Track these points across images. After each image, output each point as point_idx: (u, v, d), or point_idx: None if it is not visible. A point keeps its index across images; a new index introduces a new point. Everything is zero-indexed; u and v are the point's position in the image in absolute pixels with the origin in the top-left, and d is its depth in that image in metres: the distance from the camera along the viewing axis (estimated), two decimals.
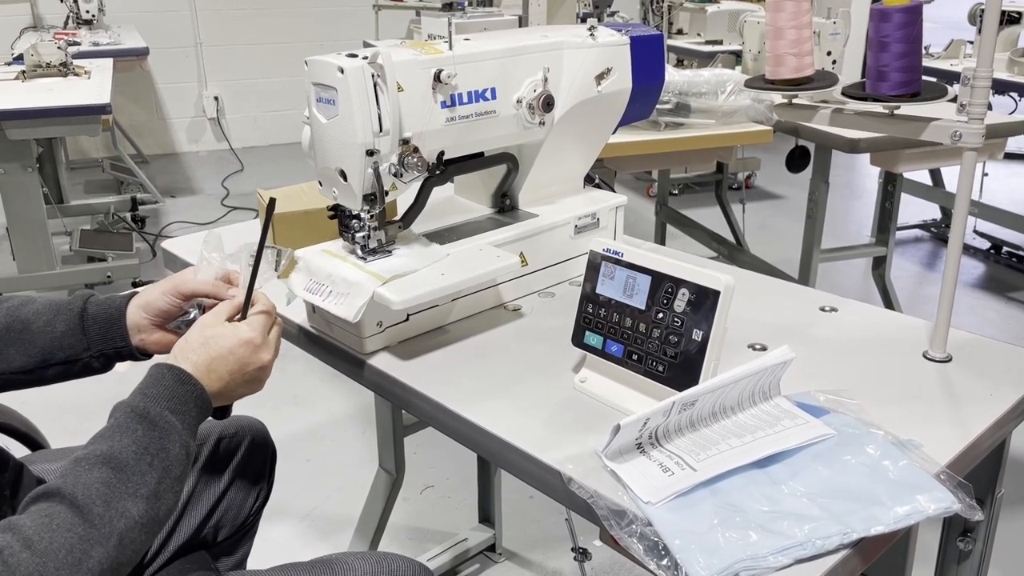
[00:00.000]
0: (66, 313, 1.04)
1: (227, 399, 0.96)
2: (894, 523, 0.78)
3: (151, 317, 1.06)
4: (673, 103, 2.35)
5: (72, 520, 0.75)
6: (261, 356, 0.96)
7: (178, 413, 0.87)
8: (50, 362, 1.03)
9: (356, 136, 1.07)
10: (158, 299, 1.05)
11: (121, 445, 0.82)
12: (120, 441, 0.82)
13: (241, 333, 0.95)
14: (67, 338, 1.03)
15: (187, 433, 0.87)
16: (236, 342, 0.94)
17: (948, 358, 1.10)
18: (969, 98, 1.01)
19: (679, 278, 0.96)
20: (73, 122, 2.96)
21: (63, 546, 0.74)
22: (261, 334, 0.96)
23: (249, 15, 5.97)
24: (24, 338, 1.02)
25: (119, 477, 0.80)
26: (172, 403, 0.87)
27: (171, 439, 0.85)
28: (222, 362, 0.93)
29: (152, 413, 0.85)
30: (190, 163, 5.85)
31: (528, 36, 1.29)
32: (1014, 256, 3.97)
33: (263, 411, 2.83)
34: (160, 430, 0.85)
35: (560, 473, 0.89)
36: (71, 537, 0.74)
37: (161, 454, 0.83)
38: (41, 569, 0.71)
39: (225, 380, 0.93)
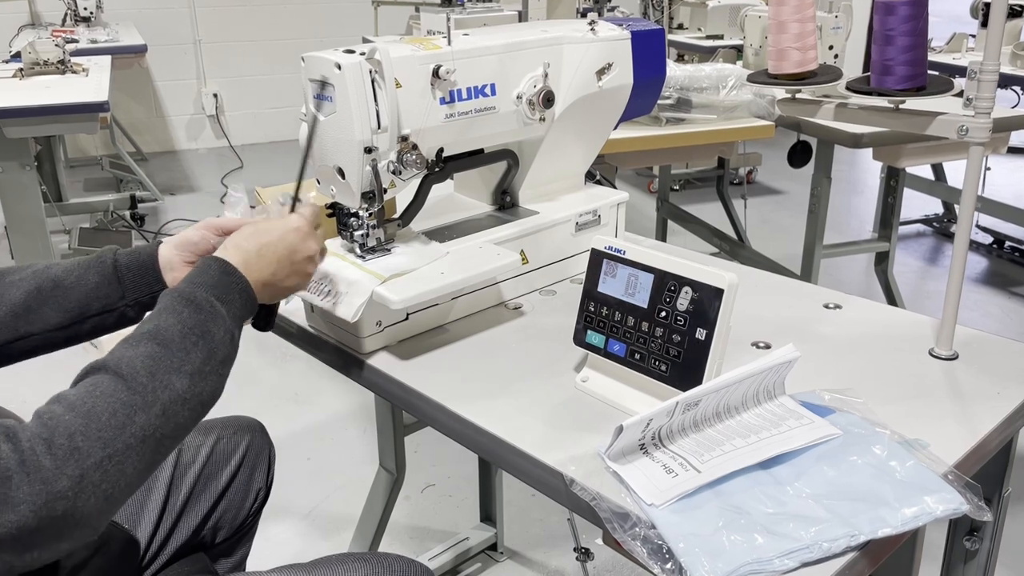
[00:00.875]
0: (97, 266, 1.05)
1: (275, 289, 0.98)
2: (902, 525, 0.77)
3: (184, 253, 1.07)
4: (674, 98, 2.34)
5: (116, 387, 0.77)
6: (309, 244, 0.99)
7: (223, 301, 0.89)
8: (87, 314, 1.03)
9: (354, 133, 1.06)
10: (190, 234, 1.08)
11: (167, 324, 0.84)
12: (166, 320, 0.84)
13: (291, 221, 0.99)
14: (102, 288, 1.04)
15: (232, 321, 0.89)
16: (286, 228, 0.98)
17: (954, 355, 1.09)
18: (976, 92, 0.99)
19: (682, 276, 0.95)
20: (71, 120, 2.94)
21: (106, 410, 0.75)
22: (310, 223, 1.00)
23: (248, 11, 5.95)
24: (57, 295, 1.02)
25: (164, 352, 0.81)
26: (217, 291, 0.89)
27: (216, 322, 0.87)
28: (271, 248, 0.96)
29: (198, 297, 0.87)
30: (189, 160, 5.83)
31: (528, 31, 1.27)
32: (1017, 251, 3.95)
33: (264, 409, 2.82)
34: (205, 313, 0.87)
35: (562, 475, 0.88)
36: (114, 402, 0.76)
37: (206, 335, 0.85)
38: (84, 429, 0.73)
39: (274, 266, 0.96)
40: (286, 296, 1.02)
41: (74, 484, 0.70)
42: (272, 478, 1.32)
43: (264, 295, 0.96)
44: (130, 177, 4.93)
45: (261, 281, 0.95)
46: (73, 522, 0.71)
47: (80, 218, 4.25)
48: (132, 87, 5.70)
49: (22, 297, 1.00)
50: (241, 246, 0.95)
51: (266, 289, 0.96)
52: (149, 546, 1.17)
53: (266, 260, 0.95)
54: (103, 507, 0.73)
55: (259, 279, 0.95)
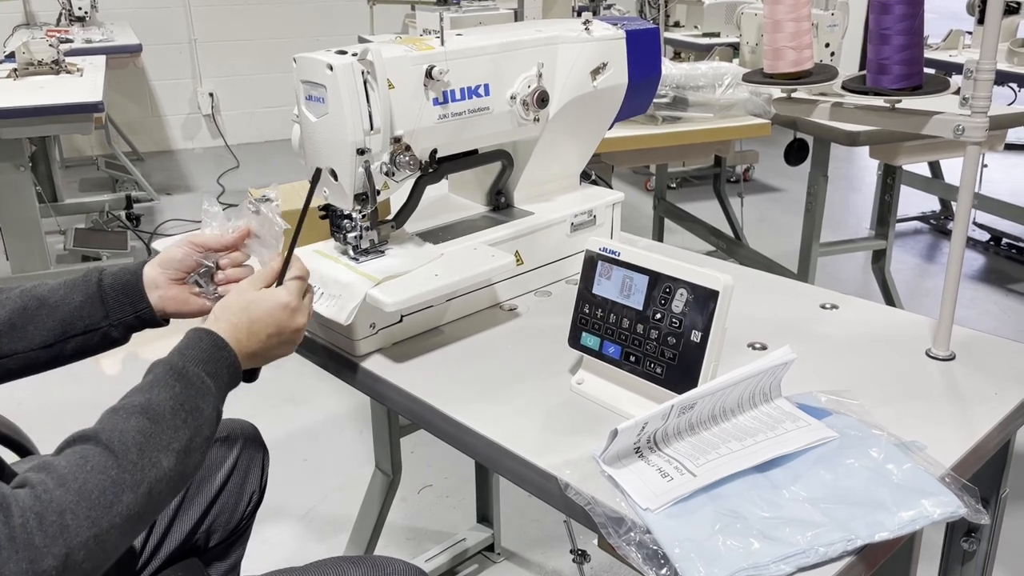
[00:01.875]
0: (82, 285, 1.05)
1: (262, 361, 0.99)
2: (899, 529, 0.76)
3: (168, 271, 1.07)
4: (670, 97, 2.33)
5: (107, 463, 0.76)
6: (297, 319, 0.99)
7: (213, 376, 0.89)
8: (70, 333, 1.03)
9: (346, 135, 1.05)
10: (172, 251, 1.07)
11: (159, 399, 0.84)
12: (158, 395, 0.84)
13: (280, 297, 0.98)
14: (86, 308, 1.04)
15: (218, 397, 0.89)
16: (274, 305, 0.97)
17: (951, 356, 1.08)
18: (972, 91, 0.99)
19: (677, 278, 0.94)
20: (65, 120, 2.93)
21: (96, 487, 0.74)
22: (297, 298, 0.99)
23: (243, 10, 5.94)
24: (42, 313, 1.02)
25: (154, 428, 0.81)
26: (208, 366, 0.89)
27: (205, 399, 0.87)
28: (261, 325, 0.96)
29: (189, 372, 0.87)
30: (185, 160, 5.82)
31: (522, 31, 1.27)
32: (1014, 248, 3.95)
33: (260, 411, 2.81)
34: (196, 389, 0.86)
35: (557, 479, 0.87)
36: (104, 480, 0.75)
37: (195, 412, 0.85)
38: (74, 508, 0.72)
39: (263, 342, 0.96)
40: (273, 360, 1.01)
41: (59, 563, 0.69)
42: (266, 482, 1.31)
43: (249, 364, 0.97)
44: (126, 177, 4.92)
45: (249, 353, 0.95)
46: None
47: (76, 219, 4.23)
48: (127, 87, 5.68)
49: (7, 315, 1.00)
50: (231, 321, 0.94)
51: (252, 360, 0.97)
52: (142, 551, 1.16)
53: (256, 337, 0.95)
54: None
55: (247, 352, 0.95)
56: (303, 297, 1.00)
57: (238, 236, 1.06)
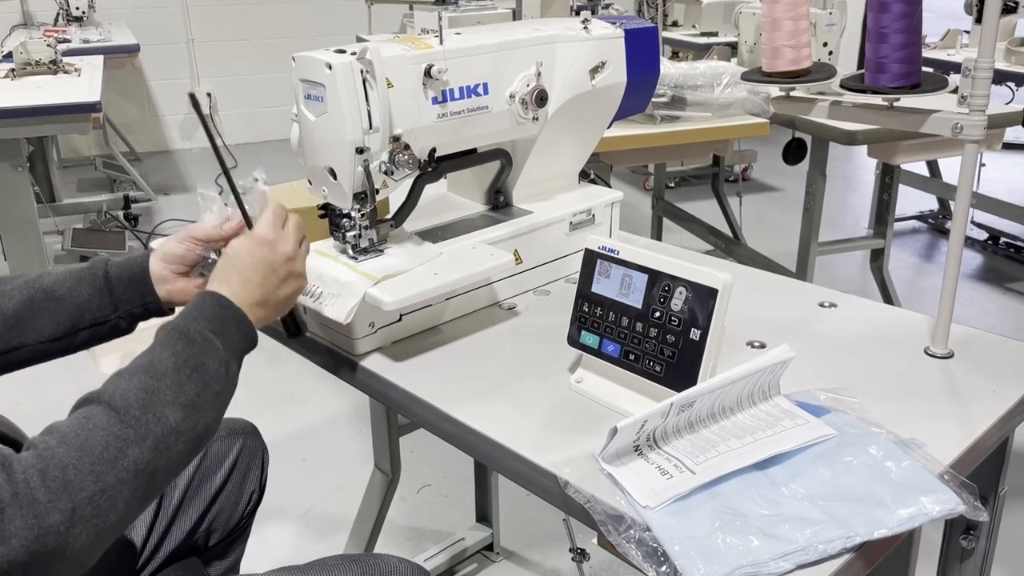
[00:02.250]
0: (89, 278, 1.05)
1: (275, 306, 0.98)
2: (898, 526, 0.77)
3: (172, 266, 1.07)
4: (669, 96, 2.33)
5: (109, 420, 0.77)
6: (281, 249, 0.98)
7: (218, 334, 0.89)
8: (80, 326, 1.04)
9: (345, 134, 1.05)
10: (175, 247, 1.08)
11: (160, 357, 0.84)
12: (160, 354, 0.84)
13: (252, 237, 0.98)
14: (94, 300, 1.04)
15: (227, 353, 0.89)
16: (251, 246, 0.97)
17: (950, 354, 1.08)
18: (970, 90, 0.99)
19: (676, 276, 0.94)
20: (63, 120, 2.93)
21: (99, 443, 0.74)
22: (272, 230, 0.98)
23: (241, 10, 5.93)
24: (49, 306, 1.02)
25: (157, 384, 0.81)
26: (212, 324, 0.89)
27: (210, 355, 0.87)
28: (251, 271, 0.95)
29: (192, 331, 0.87)
30: (183, 160, 5.82)
31: (520, 30, 1.27)
32: (1012, 247, 3.95)
33: (259, 410, 2.81)
34: (199, 346, 0.86)
35: (556, 477, 0.87)
36: (107, 435, 0.75)
37: (200, 368, 0.85)
38: (76, 463, 0.72)
39: (263, 286, 0.96)
40: (290, 303, 1.01)
41: (66, 518, 0.69)
42: (265, 480, 1.31)
43: (267, 314, 0.97)
44: (124, 177, 4.91)
45: (255, 303, 0.95)
46: (63, 557, 0.69)
47: (73, 219, 4.23)
48: (125, 87, 5.68)
49: (14, 308, 0.99)
50: (225, 279, 0.95)
51: (265, 309, 0.96)
52: (143, 550, 1.16)
53: (253, 284, 0.95)
54: (94, 541, 0.72)
55: (252, 303, 0.94)
56: (283, 227, 1.00)
57: (237, 226, 1.06)
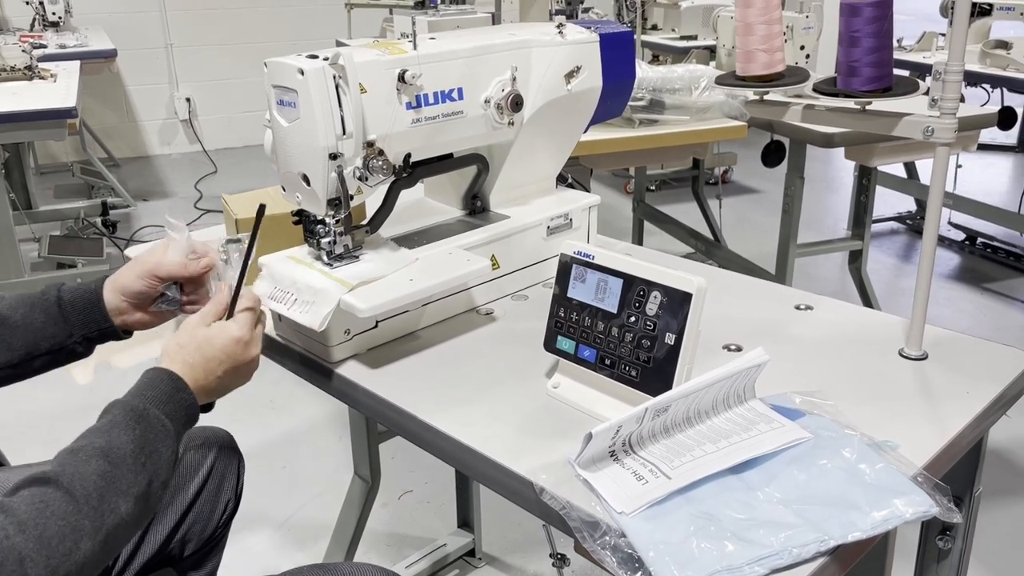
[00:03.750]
0: (42, 304, 1.05)
1: (219, 394, 0.98)
2: (872, 529, 0.77)
3: (130, 299, 1.07)
4: (647, 99, 2.34)
5: (66, 509, 0.75)
6: (250, 351, 0.99)
7: (172, 418, 0.89)
8: (35, 354, 1.04)
9: (318, 139, 1.04)
10: (134, 283, 1.07)
11: (119, 442, 0.83)
12: (118, 438, 0.83)
13: (231, 332, 0.97)
14: (48, 328, 1.04)
15: (176, 440, 0.89)
16: (227, 340, 0.96)
17: (924, 356, 1.09)
18: (941, 92, 1.00)
19: (651, 280, 0.94)
20: (38, 126, 2.90)
21: (56, 534, 0.74)
22: (249, 330, 0.99)
23: (220, 15, 5.90)
24: (4, 333, 1.03)
25: (115, 472, 0.80)
26: (167, 407, 0.89)
27: (164, 442, 0.86)
28: (216, 362, 0.95)
29: (150, 415, 0.86)
30: (162, 166, 5.77)
31: (495, 35, 1.26)
32: (989, 247, 3.99)
33: (238, 417, 2.78)
34: (155, 431, 0.86)
35: (532, 483, 0.87)
36: (64, 526, 0.74)
37: (154, 456, 0.84)
38: (34, 555, 0.72)
39: (219, 377, 0.96)
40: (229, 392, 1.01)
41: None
42: (241, 489, 1.30)
43: (206, 399, 0.97)
44: (101, 183, 4.87)
45: (206, 390, 0.95)
46: None
47: (50, 226, 4.19)
48: (103, 92, 5.63)
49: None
50: (187, 361, 0.94)
51: (209, 395, 0.97)
52: (116, 561, 1.14)
53: (212, 374, 0.95)
54: None
55: (204, 389, 0.95)
56: (255, 327, 1.00)
57: (202, 271, 1.07)
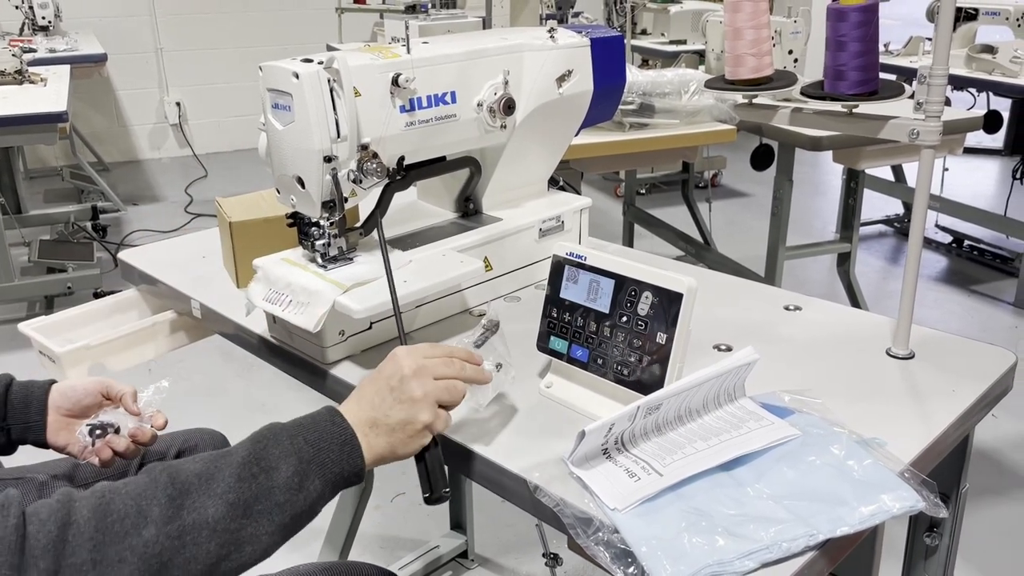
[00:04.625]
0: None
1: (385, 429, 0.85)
2: (859, 523, 0.78)
3: (66, 406, 1.11)
4: (637, 103, 2.36)
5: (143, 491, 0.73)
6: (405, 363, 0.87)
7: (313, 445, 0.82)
8: None
9: (313, 142, 1.05)
10: (85, 399, 1.11)
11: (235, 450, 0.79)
12: (237, 447, 0.80)
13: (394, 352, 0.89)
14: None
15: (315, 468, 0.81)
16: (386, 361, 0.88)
17: (911, 355, 1.11)
18: (926, 96, 1.01)
19: (642, 281, 0.96)
20: (28, 131, 2.90)
21: (118, 510, 0.71)
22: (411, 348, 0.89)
23: (211, 19, 5.90)
24: None
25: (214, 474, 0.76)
26: (311, 434, 0.82)
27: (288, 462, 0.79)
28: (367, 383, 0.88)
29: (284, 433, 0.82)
30: (152, 170, 5.76)
31: (487, 39, 1.28)
32: (975, 249, 4.03)
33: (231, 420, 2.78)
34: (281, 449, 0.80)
35: (526, 481, 0.88)
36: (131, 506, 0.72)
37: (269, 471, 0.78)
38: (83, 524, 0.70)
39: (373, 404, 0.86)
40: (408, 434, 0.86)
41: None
42: None
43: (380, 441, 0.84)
44: (91, 188, 4.86)
45: (367, 424, 0.84)
46: None
47: (40, 230, 4.18)
48: (93, 96, 5.62)
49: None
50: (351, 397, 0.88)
51: (376, 432, 0.85)
52: None
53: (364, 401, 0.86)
54: None
55: (364, 422, 0.84)
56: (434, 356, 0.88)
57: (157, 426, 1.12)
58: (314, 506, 0.81)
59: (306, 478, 0.79)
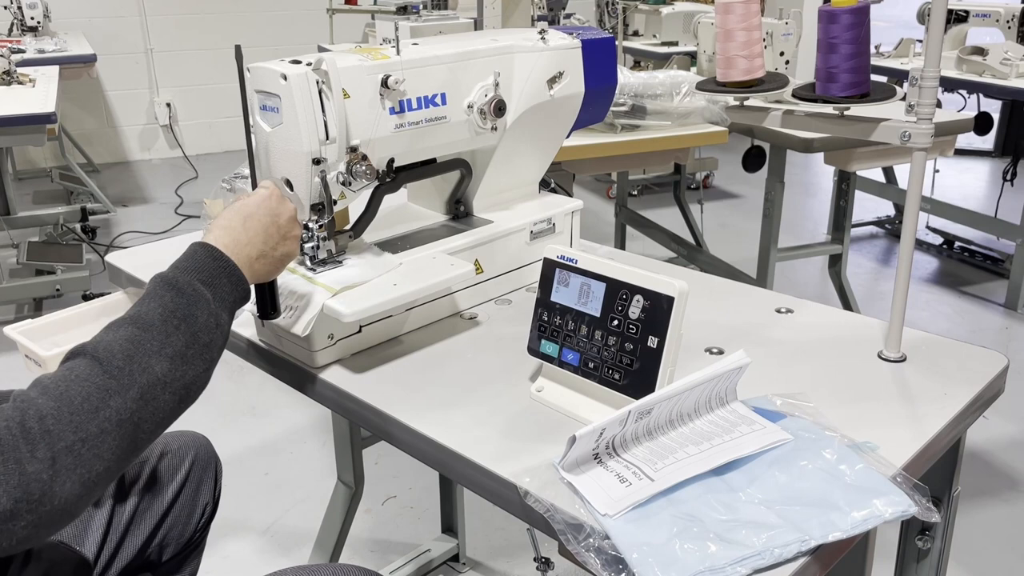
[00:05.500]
0: None
1: (269, 260, 0.98)
2: (851, 529, 0.78)
3: None
4: (629, 105, 2.35)
5: (91, 371, 0.77)
6: (287, 204, 1.00)
7: (208, 285, 0.89)
8: None
9: (301, 144, 1.05)
10: None
11: (148, 308, 0.84)
12: (147, 305, 0.85)
13: (260, 192, 1.00)
14: None
15: (218, 304, 0.89)
16: (260, 197, 0.99)
17: (903, 358, 1.10)
18: (917, 98, 1.01)
19: (633, 285, 0.95)
20: (17, 132, 2.88)
21: (79, 393, 0.75)
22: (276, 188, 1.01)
23: (200, 19, 5.88)
24: None
25: (143, 335, 0.81)
26: (202, 275, 0.89)
27: (199, 306, 0.87)
28: (254, 219, 0.96)
29: (181, 282, 0.87)
30: (142, 171, 5.74)
31: (478, 40, 1.27)
32: (966, 251, 4.04)
33: (220, 423, 2.77)
34: (187, 297, 0.87)
35: (516, 487, 0.87)
36: (88, 386, 0.76)
37: (189, 319, 0.85)
38: (55, 412, 0.73)
39: (262, 236, 0.96)
40: (281, 267, 1.01)
41: (47, 467, 0.70)
42: (219, 493, 1.30)
43: (259, 270, 0.97)
44: (81, 189, 4.83)
45: (252, 256, 0.95)
46: (50, 506, 0.70)
47: (29, 232, 4.15)
48: (82, 97, 5.59)
49: None
50: (223, 225, 0.95)
51: (260, 263, 0.97)
52: (95, 565, 1.14)
53: (252, 232, 0.96)
54: (80, 492, 0.72)
55: (249, 255, 0.95)
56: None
57: None
58: (226, 331, 0.91)
59: (218, 316, 0.89)
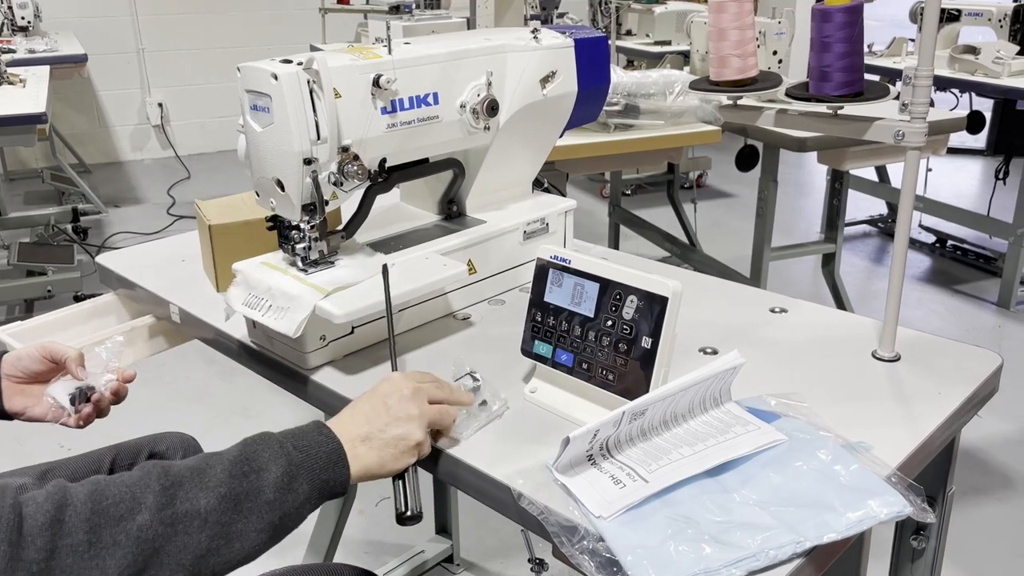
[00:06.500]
0: None
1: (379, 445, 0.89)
2: (846, 529, 0.77)
3: (16, 374, 1.11)
4: (622, 104, 2.35)
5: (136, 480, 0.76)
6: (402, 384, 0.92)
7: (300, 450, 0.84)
8: None
9: (292, 144, 1.04)
10: (32, 365, 1.11)
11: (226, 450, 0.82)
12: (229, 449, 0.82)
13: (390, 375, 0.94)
14: None
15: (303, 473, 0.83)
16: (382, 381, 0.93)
17: (897, 357, 1.10)
18: (911, 97, 1.01)
19: (627, 285, 0.94)
20: (7, 132, 2.87)
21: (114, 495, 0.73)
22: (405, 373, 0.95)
23: (193, 19, 5.86)
24: None
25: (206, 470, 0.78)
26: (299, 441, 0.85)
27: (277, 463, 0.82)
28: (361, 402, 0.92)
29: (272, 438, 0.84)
30: (134, 172, 5.71)
31: (470, 39, 1.26)
32: (959, 249, 4.05)
33: (212, 424, 2.75)
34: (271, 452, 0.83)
35: (510, 489, 0.87)
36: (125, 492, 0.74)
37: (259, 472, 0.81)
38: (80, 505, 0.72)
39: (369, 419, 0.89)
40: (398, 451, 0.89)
41: (43, 558, 0.67)
42: None
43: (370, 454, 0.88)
44: (72, 189, 4.81)
45: (359, 439, 0.88)
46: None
47: (20, 233, 4.13)
48: (74, 97, 5.57)
49: None
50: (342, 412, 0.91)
51: (367, 446, 0.88)
52: None
53: (358, 414, 0.90)
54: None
55: (355, 436, 0.87)
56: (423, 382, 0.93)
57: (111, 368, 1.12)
58: (301, 509, 0.83)
59: (294, 480, 0.82)
